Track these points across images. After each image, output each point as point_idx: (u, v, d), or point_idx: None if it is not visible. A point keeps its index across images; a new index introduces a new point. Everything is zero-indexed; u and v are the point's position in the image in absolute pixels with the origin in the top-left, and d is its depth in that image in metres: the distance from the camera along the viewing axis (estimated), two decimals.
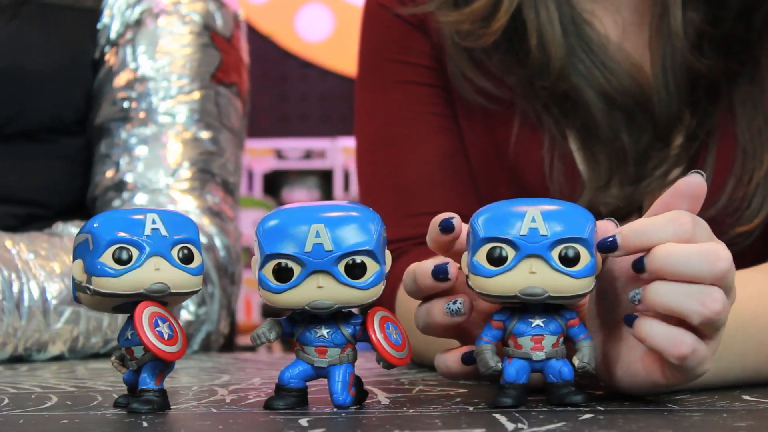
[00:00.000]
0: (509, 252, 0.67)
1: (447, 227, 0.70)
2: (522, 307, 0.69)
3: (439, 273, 0.70)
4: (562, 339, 0.69)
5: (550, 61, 0.99)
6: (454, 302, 0.70)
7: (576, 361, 0.68)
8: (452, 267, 0.70)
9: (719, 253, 0.66)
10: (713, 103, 1.00)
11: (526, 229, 0.67)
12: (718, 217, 0.98)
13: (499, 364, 0.69)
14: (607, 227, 0.70)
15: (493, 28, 1.00)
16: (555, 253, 0.67)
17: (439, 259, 0.70)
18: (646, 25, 1.01)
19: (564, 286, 0.67)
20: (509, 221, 0.67)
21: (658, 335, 0.67)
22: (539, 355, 0.69)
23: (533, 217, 0.67)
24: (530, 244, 0.67)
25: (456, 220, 0.70)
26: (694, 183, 0.69)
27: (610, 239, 0.68)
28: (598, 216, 0.99)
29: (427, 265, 0.70)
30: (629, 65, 1.00)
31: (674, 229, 0.67)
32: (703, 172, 0.70)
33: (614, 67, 1.00)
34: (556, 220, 0.67)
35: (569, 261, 0.67)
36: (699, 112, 1.00)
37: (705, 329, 0.67)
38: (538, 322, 0.69)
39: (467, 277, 0.69)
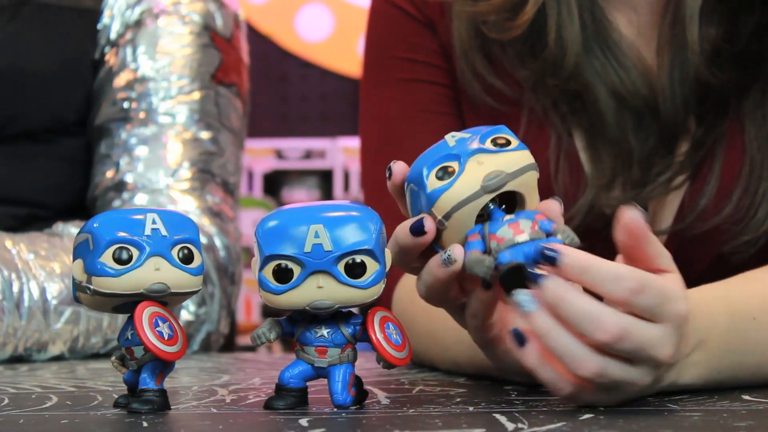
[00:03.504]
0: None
1: (418, 229, 0.70)
2: (487, 216, 0.70)
3: (417, 230, 0.70)
4: (537, 225, 0.69)
5: (566, 57, 0.99)
6: (445, 252, 0.70)
7: (565, 239, 0.69)
8: (428, 221, 0.70)
9: (605, 325, 0.66)
10: (721, 115, 0.99)
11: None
12: (724, 225, 0.98)
13: (492, 260, 0.69)
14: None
15: (520, 21, 0.99)
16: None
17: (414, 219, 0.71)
18: (656, 33, 1.01)
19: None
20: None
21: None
22: (523, 237, 0.69)
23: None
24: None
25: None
26: (632, 219, 0.68)
27: (551, 254, 0.67)
28: (603, 218, 1.00)
29: (405, 225, 0.71)
30: (642, 66, 1.00)
31: (613, 288, 0.67)
32: (642, 210, 0.69)
33: (628, 66, 0.99)
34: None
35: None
36: (706, 122, 0.99)
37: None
38: (508, 216, 0.70)
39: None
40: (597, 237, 1.01)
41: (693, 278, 0.98)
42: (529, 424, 0.63)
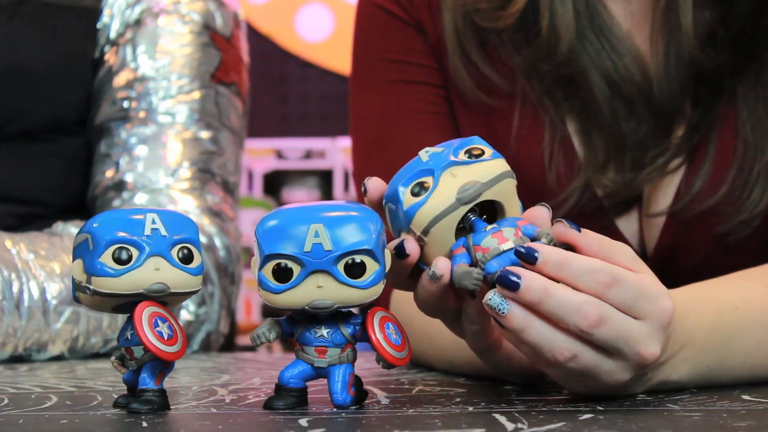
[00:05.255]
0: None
1: (400, 252, 0.70)
2: (469, 227, 0.70)
3: (399, 252, 0.70)
4: (520, 231, 0.70)
5: (559, 44, 0.99)
6: (430, 268, 0.70)
7: (544, 240, 0.69)
8: (409, 242, 0.70)
9: (586, 313, 0.67)
10: (716, 97, 1.00)
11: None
12: (719, 206, 0.99)
13: (480, 271, 0.69)
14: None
15: (511, 10, 1.00)
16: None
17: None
18: (650, 20, 1.01)
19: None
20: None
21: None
22: (508, 245, 0.69)
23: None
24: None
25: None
26: (541, 215, 0.70)
27: (529, 252, 0.68)
28: (596, 200, 1.00)
29: (389, 247, 0.71)
30: (636, 53, 1.00)
31: (588, 282, 0.67)
32: (548, 206, 0.70)
33: (622, 52, 1.00)
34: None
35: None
36: (701, 105, 1.00)
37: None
38: (491, 226, 0.70)
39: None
40: (590, 219, 1.01)
41: (693, 266, 0.99)
42: (529, 424, 0.63)
